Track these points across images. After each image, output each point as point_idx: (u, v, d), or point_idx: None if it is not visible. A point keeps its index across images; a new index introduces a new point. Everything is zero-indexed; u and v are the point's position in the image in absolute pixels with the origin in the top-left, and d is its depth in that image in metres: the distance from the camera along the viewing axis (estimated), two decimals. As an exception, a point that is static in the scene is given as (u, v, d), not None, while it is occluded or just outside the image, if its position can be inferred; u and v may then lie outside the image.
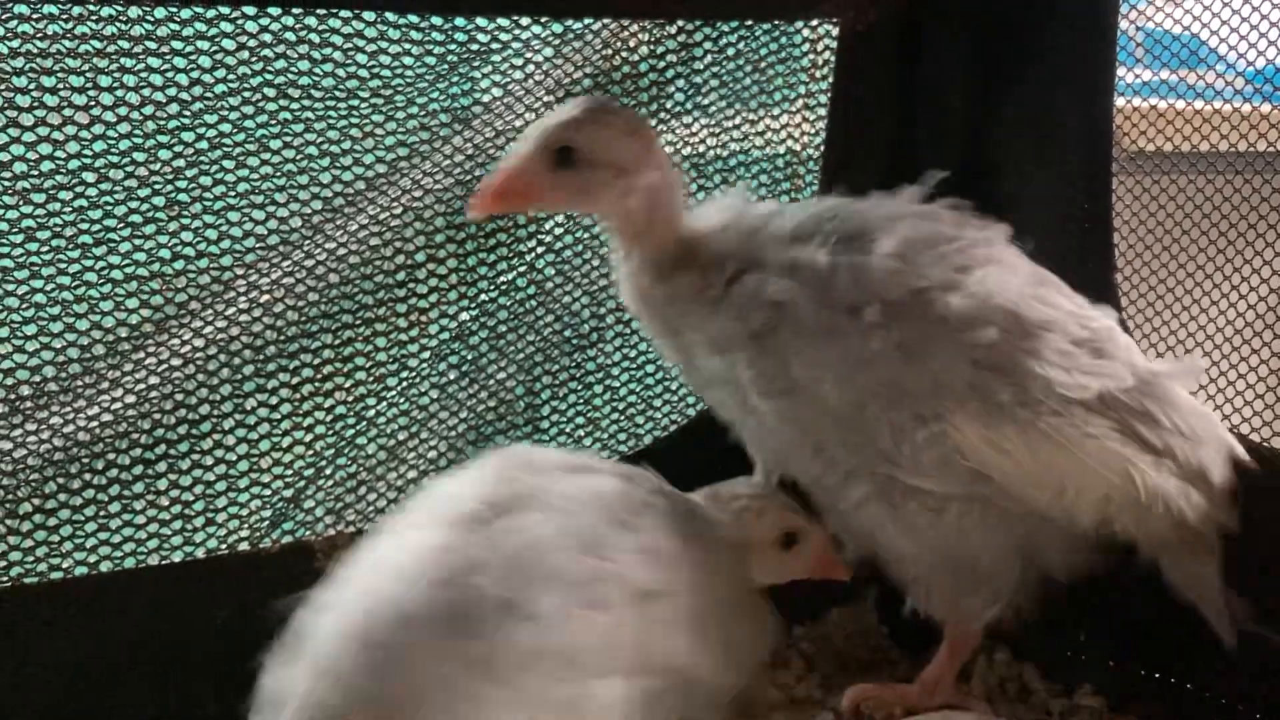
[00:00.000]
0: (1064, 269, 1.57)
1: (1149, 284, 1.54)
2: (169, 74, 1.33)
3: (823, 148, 1.74)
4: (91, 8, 1.26)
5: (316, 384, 1.48)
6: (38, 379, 1.33)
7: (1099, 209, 1.55)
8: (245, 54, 1.36)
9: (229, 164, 1.39)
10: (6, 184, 1.27)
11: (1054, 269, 1.58)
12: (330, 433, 1.51)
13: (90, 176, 1.32)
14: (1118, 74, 1.54)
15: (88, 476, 1.36)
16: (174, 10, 1.30)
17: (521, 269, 1.63)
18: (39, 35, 1.25)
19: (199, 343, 1.41)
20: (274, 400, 1.46)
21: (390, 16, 1.42)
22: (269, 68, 1.38)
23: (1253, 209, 1.41)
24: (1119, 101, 1.55)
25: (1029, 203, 1.63)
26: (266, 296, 1.43)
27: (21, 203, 1.29)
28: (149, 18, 1.29)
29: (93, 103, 1.29)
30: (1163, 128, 1.51)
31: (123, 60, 1.30)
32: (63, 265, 1.33)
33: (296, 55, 1.39)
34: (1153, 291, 1.53)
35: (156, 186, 1.36)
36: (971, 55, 1.70)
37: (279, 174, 1.42)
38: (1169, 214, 1.51)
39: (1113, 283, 1.54)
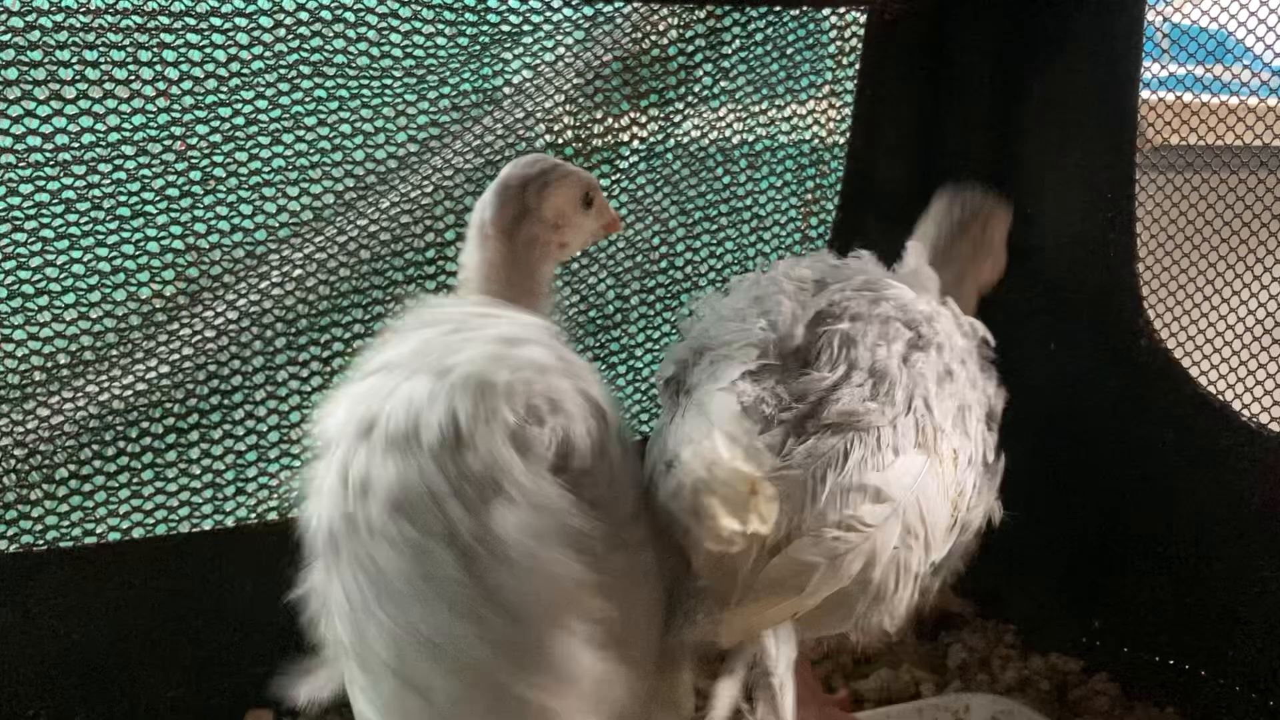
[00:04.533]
0: (1086, 259, 1.59)
1: (1171, 274, 1.54)
2: (207, 50, 1.36)
3: (849, 134, 1.75)
4: (133, -17, 1.29)
5: (347, 357, 1.50)
6: (75, 348, 1.36)
7: (1122, 200, 1.56)
8: (282, 31, 1.39)
9: (264, 140, 1.42)
10: (48, 155, 1.29)
11: (1076, 259, 1.60)
12: (359, 406, 1.53)
13: (129, 150, 1.35)
14: (1144, 68, 1.54)
15: (122, 444, 1.39)
16: (214, -13, 1.33)
17: (547, 250, 1.64)
18: (82, 10, 1.27)
19: (232, 315, 1.43)
20: (305, 373, 1.48)
21: (424, -3, 1.45)
22: (305, 45, 1.40)
23: (1277, 200, 1.42)
24: (1145, 95, 1.55)
25: (1052, 193, 1.64)
26: (299, 271, 1.46)
27: (62, 174, 1.31)
28: (189, -6, 1.32)
29: (133, 77, 1.32)
30: (1188, 119, 1.51)
31: (163, 36, 1.33)
32: (100, 237, 1.36)
33: (332, 34, 1.41)
34: (1174, 281, 1.54)
35: (193, 161, 1.39)
36: (997, 45, 1.71)
37: (313, 151, 1.45)
38: (1192, 205, 1.52)
39: (1134, 274, 1.55)
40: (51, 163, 1.30)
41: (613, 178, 1.66)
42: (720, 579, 1.06)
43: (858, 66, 1.73)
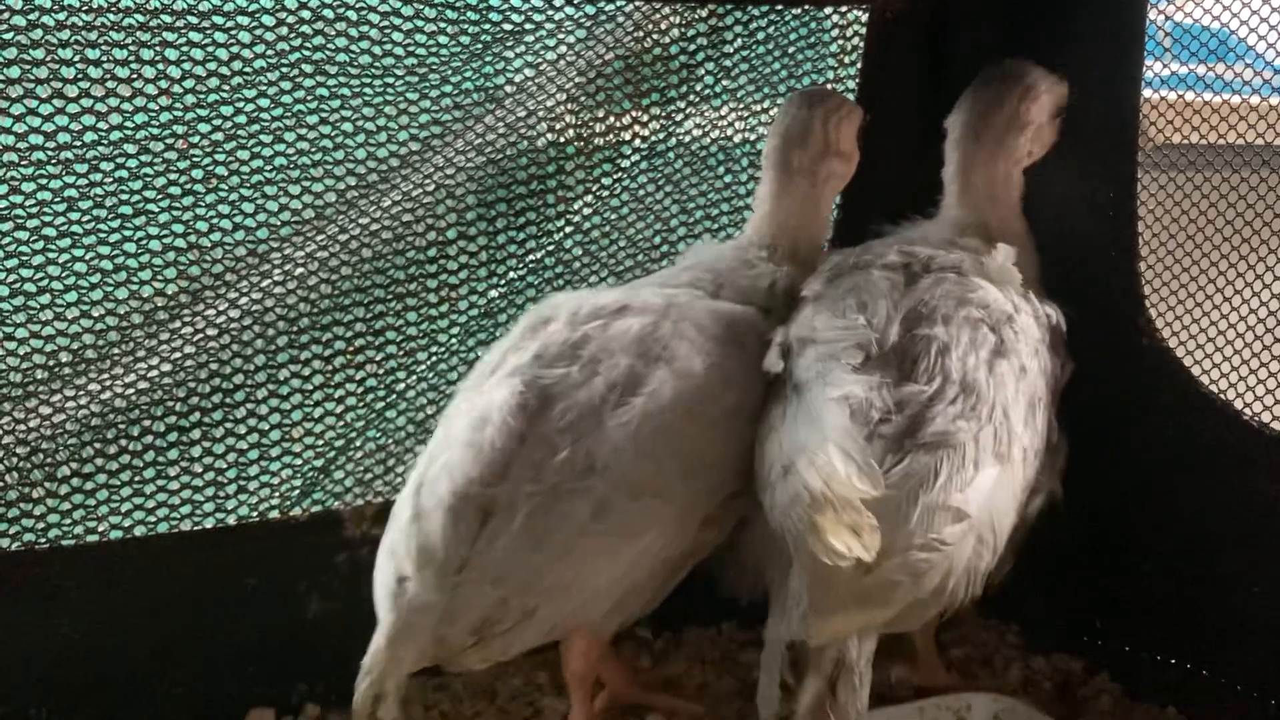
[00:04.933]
0: (1087, 258, 1.59)
1: (1172, 273, 1.54)
2: (209, 48, 1.36)
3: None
4: (136, -19, 1.29)
5: (348, 356, 1.50)
6: (77, 346, 1.36)
7: (1124, 199, 1.56)
8: (284, 30, 1.39)
9: (266, 138, 1.42)
10: (51, 154, 1.30)
11: (1078, 257, 1.59)
12: (361, 405, 1.53)
13: (131, 148, 1.35)
14: (1145, 66, 1.54)
15: (124, 442, 1.39)
16: (216, -15, 1.33)
17: (549, 249, 1.65)
18: (85, 8, 1.27)
19: (234, 314, 1.43)
20: (307, 372, 1.49)
21: (427, -5, 1.45)
22: (307, 44, 1.40)
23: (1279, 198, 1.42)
24: (1146, 94, 1.55)
25: (1054, 191, 1.64)
26: (300, 270, 1.46)
27: (64, 172, 1.31)
28: (192, -8, 1.32)
29: (135, 75, 1.32)
30: (1190, 118, 1.51)
31: (165, 34, 1.33)
32: (102, 235, 1.36)
33: (334, 32, 1.41)
34: (1176, 281, 1.54)
35: (195, 159, 1.39)
36: (999, 43, 1.71)
37: (315, 149, 1.45)
38: (1194, 204, 1.52)
39: (1136, 273, 1.55)
40: (54, 161, 1.30)
41: (614, 176, 1.67)
42: (818, 587, 1.13)
43: (859, 65, 1.73)
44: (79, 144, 1.31)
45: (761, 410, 1.31)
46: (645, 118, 1.66)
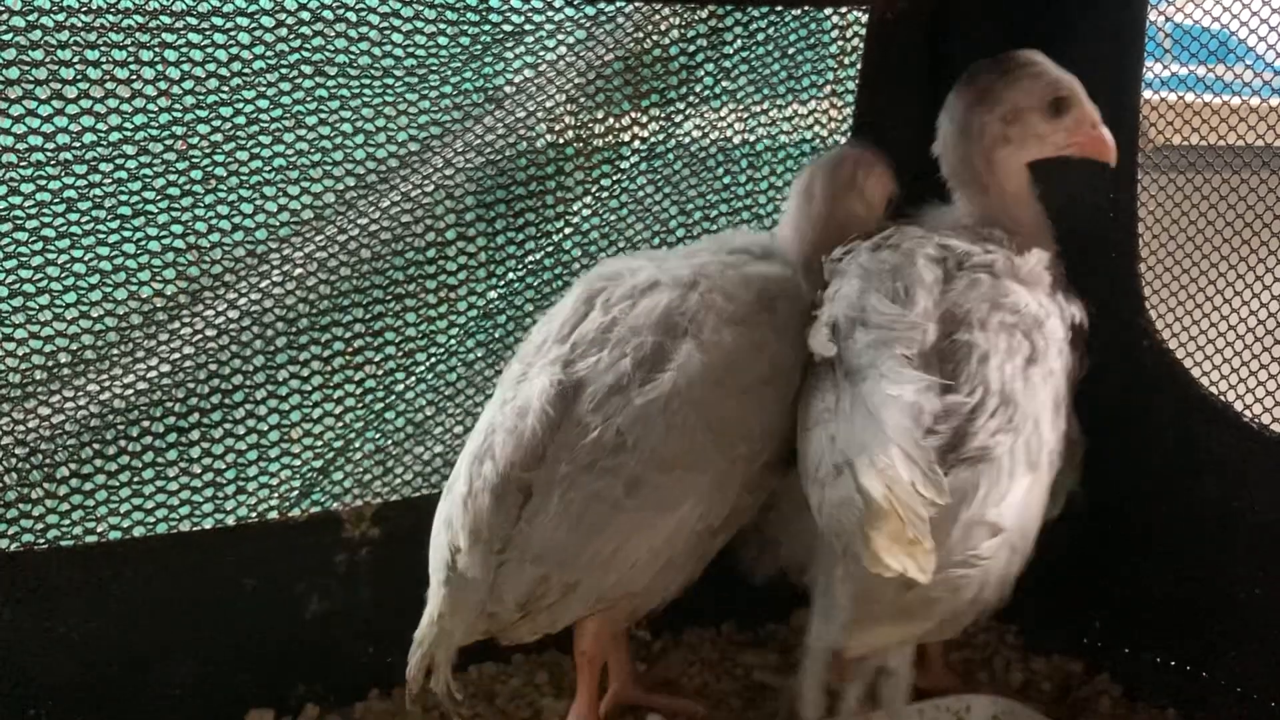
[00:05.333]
0: (1088, 259, 1.59)
1: (1173, 274, 1.54)
2: (209, 49, 1.36)
3: (850, 134, 1.75)
4: (135, -18, 1.29)
5: (347, 357, 1.50)
6: (76, 347, 1.36)
7: (1124, 200, 1.56)
8: (283, 31, 1.39)
9: (265, 139, 1.42)
10: (50, 154, 1.30)
11: (1078, 259, 1.59)
12: (359, 405, 1.53)
13: (130, 149, 1.35)
14: (1146, 68, 1.54)
15: (123, 443, 1.40)
16: (215, -14, 1.33)
17: (549, 250, 1.65)
18: (84, 9, 1.27)
19: (233, 314, 1.43)
20: (305, 372, 1.49)
21: (426, -4, 1.45)
22: (307, 44, 1.40)
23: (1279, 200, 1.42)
24: (1147, 95, 1.55)
25: (1054, 193, 1.64)
26: (300, 270, 1.46)
27: (64, 173, 1.31)
28: (191, -7, 1.32)
29: (134, 76, 1.32)
30: (1190, 119, 1.51)
31: (164, 35, 1.33)
32: (101, 236, 1.36)
33: (334, 33, 1.41)
34: (1176, 282, 1.54)
35: (194, 160, 1.39)
36: (999, 44, 1.70)
37: (314, 150, 1.45)
38: (1194, 205, 1.52)
39: (1136, 274, 1.55)
40: (53, 162, 1.30)
41: (614, 178, 1.67)
42: (861, 598, 1.13)
43: (859, 66, 1.73)
44: (78, 145, 1.32)
45: (797, 378, 1.31)
46: (644, 119, 1.66)
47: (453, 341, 1.59)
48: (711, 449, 1.26)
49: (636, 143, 1.66)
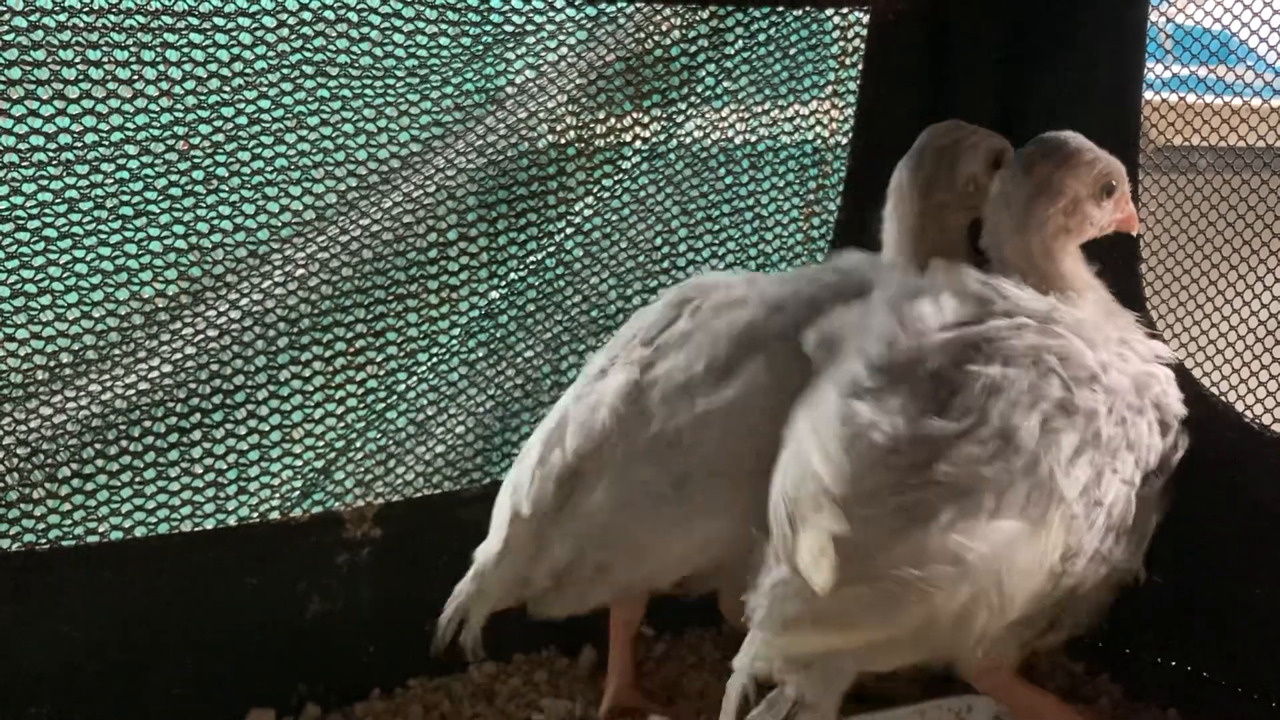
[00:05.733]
0: (1089, 259, 1.58)
1: (1174, 275, 1.54)
2: (210, 50, 1.36)
3: (851, 135, 1.75)
4: (138, -17, 1.29)
5: (349, 357, 1.50)
6: (78, 347, 1.36)
7: (1125, 201, 1.56)
8: (285, 31, 1.39)
9: (267, 140, 1.42)
10: (52, 155, 1.30)
11: (1079, 259, 1.59)
12: (361, 405, 1.53)
13: (132, 149, 1.35)
14: (1147, 69, 1.54)
15: (125, 443, 1.40)
16: (217, -13, 1.33)
17: (550, 250, 1.65)
18: (86, 9, 1.27)
19: (235, 315, 1.43)
20: (307, 373, 1.49)
21: (427, -3, 1.45)
22: (308, 45, 1.40)
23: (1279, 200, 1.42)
24: (1148, 96, 1.55)
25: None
26: (301, 270, 1.46)
27: (65, 174, 1.32)
28: (193, -7, 1.32)
29: (136, 76, 1.32)
30: (1191, 120, 1.51)
31: (166, 35, 1.33)
32: (103, 236, 1.36)
33: (335, 33, 1.41)
34: (1176, 282, 1.54)
35: (196, 160, 1.39)
36: (1000, 46, 1.71)
37: (316, 150, 1.45)
38: (1195, 206, 1.52)
39: (1137, 275, 1.55)
40: (55, 162, 1.31)
41: (615, 178, 1.67)
42: (778, 595, 1.14)
43: (860, 66, 1.74)
44: (80, 145, 1.32)
45: None
46: (646, 119, 1.66)
47: (454, 341, 1.60)
48: (756, 466, 1.26)
49: (638, 143, 1.67)
